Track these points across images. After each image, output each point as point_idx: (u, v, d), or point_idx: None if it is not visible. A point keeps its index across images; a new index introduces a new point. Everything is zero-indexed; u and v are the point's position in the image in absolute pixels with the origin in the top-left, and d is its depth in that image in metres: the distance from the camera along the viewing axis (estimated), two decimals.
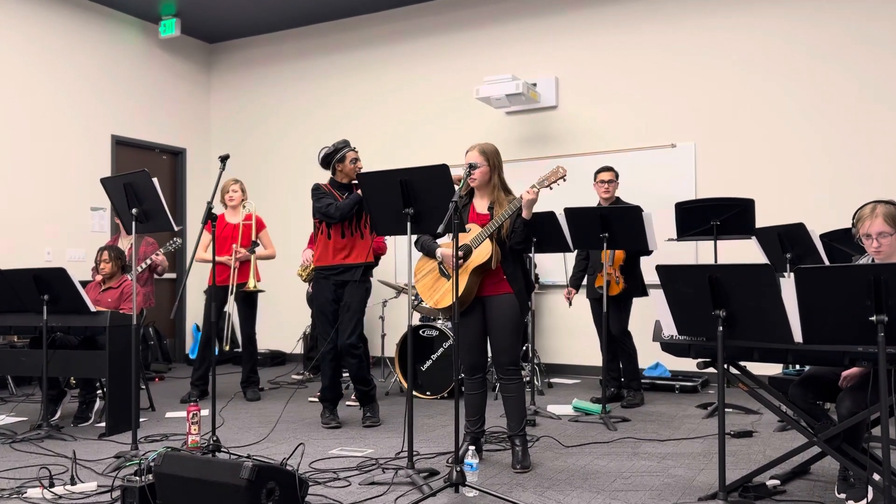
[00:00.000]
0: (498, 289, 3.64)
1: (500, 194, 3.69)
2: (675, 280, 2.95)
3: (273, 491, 2.83)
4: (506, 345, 3.63)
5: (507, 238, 3.59)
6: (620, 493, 3.25)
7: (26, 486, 3.35)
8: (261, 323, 6.73)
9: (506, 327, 3.62)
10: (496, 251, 3.59)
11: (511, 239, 3.59)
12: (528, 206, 3.52)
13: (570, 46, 7.09)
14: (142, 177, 3.83)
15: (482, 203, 3.73)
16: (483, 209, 3.71)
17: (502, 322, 3.61)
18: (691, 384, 5.93)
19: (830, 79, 6.11)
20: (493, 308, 3.64)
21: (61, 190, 7.25)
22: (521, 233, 3.57)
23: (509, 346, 3.63)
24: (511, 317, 3.61)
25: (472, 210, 3.74)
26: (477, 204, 3.75)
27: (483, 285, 3.65)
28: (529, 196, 3.50)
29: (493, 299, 3.64)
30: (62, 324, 4.54)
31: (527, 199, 3.50)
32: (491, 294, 3.65)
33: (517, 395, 3.67)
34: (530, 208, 3.53)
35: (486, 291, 3.65)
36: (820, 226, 4.96)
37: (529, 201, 3.50)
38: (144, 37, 8.16)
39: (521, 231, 3.57)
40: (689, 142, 6.57)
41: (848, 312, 2.58)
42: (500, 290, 3.63)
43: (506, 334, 3.62)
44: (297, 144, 8.42)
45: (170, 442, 4.27)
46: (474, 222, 3.68)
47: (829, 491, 3.19)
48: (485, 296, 3.66)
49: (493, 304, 3.64)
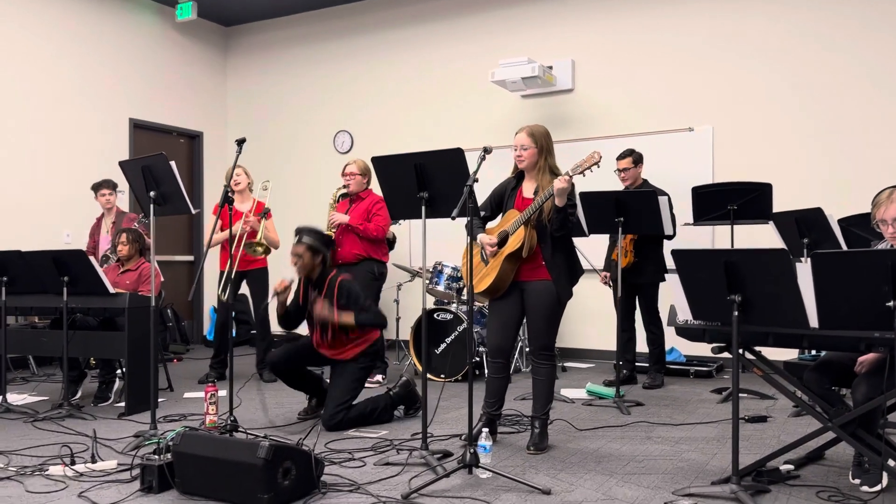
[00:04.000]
0: (535, 275, 3.63)
1: (545, 178, 3.64)
2: (691, 265, 2.94)
3: (289, 470, 2.87)
4: (541, 330, 3.65)
5: (548, 222, 3.56)
6: (633, 476, 3.27)
7: (48, 463, 3.43)
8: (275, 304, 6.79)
9: (539, 313, 3.62)
10: (530, 238, 3.57)
11: (550, 227, 3.57)
12: (561, 194, 3.45)
13: (586, 29, 7.03)
14: (160, 160, 3.86)
15: (529, 186, 3.72)
16: (529, 193, 3.70)
17: (536, 308, 3.63)
18: (706, 369, 5.92)
19: (849, 62, 6.02)
20: (529, 294, 3.65)
21: (80, 173, 7.31)
22: (556, 220, 3.51)
23: (542, 331, 3.65)
24: (546, 304, 3.61)
25: (518, 194, 3.73)
26: (525, 188, 3.74)
27: (521, 270, 3.65)
28: (560, 184, 3.42)
29: (530, 285, 3.64)
30: (82, 305, 4.61)
31: (558, 188, 3.42)
32: (528, 280, 3.65)
33: (547, 380, 3.71)
34: (563, 196, 3.46)
35: (524, 277, 3.66)
36: (838, 210, 4.91)
37: (561, 189, 3.43)
38: (161, 20, 8.18)
39: (557, 219, 3.51)
40: (706, 125, 6.51)
41: (865, 298, 2.57)
42: (537, 277, 3.63)
43: (539, 320, 3.63)
44: (312, 127, 8.43)
45: (188, 422, 4.33)
46: (518, 208, 3.68)
47: (844, 476, 3.19)
48: (522, 281, 3.67)
49: (529, 289, 3.65)
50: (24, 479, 3.23)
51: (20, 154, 6.84)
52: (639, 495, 3.01)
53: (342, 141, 8.26)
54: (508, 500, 2.93)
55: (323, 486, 3.05)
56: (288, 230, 8.26)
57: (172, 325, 7.78)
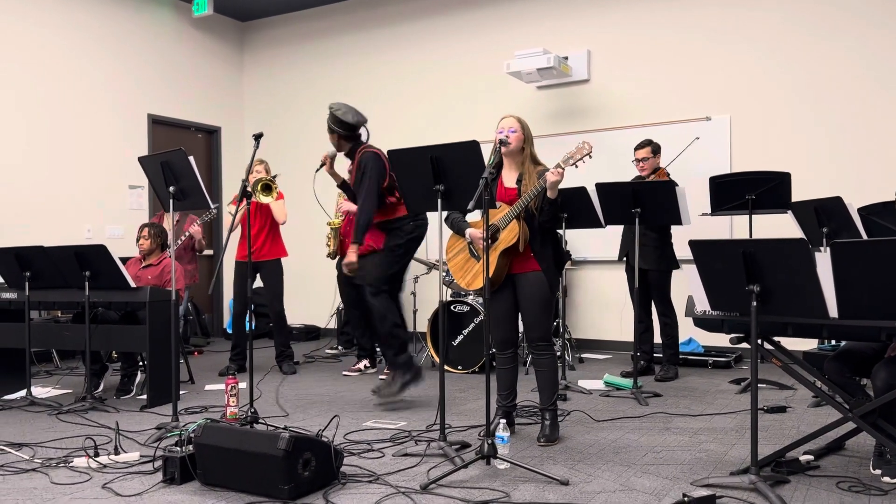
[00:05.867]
0: (526, 266, 3.64)
1: (529, 166, 3.65)
2: (709, 255, 2.93)
3: (309, 461, 2.90)
4: (535, 320, 3.64)
5: (537, 212, 3.58)
6: (651, 466, 3.27)
7: (72, 455, 3.49)
8: (293, 297, 6.85)
9: (535, 303, 3.63)
10: (524, 232, 3.58)
11: (538, 218, 3.58)
12: (554, 187, 3.45)
13: (601, 19, 6.99)
14: (178, 155, 3.90)
15: (511, 176, 3.70)
16: (511, 182, 3.68)
17: (531, 298, 3.63)
18: (724, 359, 5.89)
19: (869, 49, 5.94)
20: (522, 285, 3.65)
21: (100, 169, 7.40)
22: (547, 212, 3.54)
23: (539, 321, 3.64)
24: (540, 293, 3.62)
25: (500, 184, 3.71)
26: (506, 177, 3.72)
27: (512, 263, 3.65)
28: (554, 177, 3.41)
29: (522, 276, 3.64)
30: (103, 299, 4.67)
31: (551, 181, 3.42)
32: (520, 272, 3.65)
33: (549, 370, 3.70)
34: (556, 189, 3.46)
35: (515, 269, 3.66)
36: (858, 199, 4.85)
37: (554, 182, 3.42)
38: (177, 16, 8.24)
39: (549, 210, 3.54)
40: (724, 115, 6.45)
41: (885, 287, 2.54)
42: (528, 268, 3.63)
43: (535, 310, 3.63)
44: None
45: (209, 414, 4.38)
46: (502, 199, 3.66)
47: (865, 467, 3.17)
48: (514, 273, 3.67)
49: (522, 281, 3.65)
50: (49, 471, 3.29)
51: (40, 151, 6.92)
52: (657, 486, 3.01)
53: None
54: (526, 491, 2.95)
55: (343, 477, 3.07)
56: (303, 222, 8.34)
57: (193, 318, 7.86)
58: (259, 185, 5.10)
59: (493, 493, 2.91)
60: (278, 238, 5.96)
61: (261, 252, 5.83)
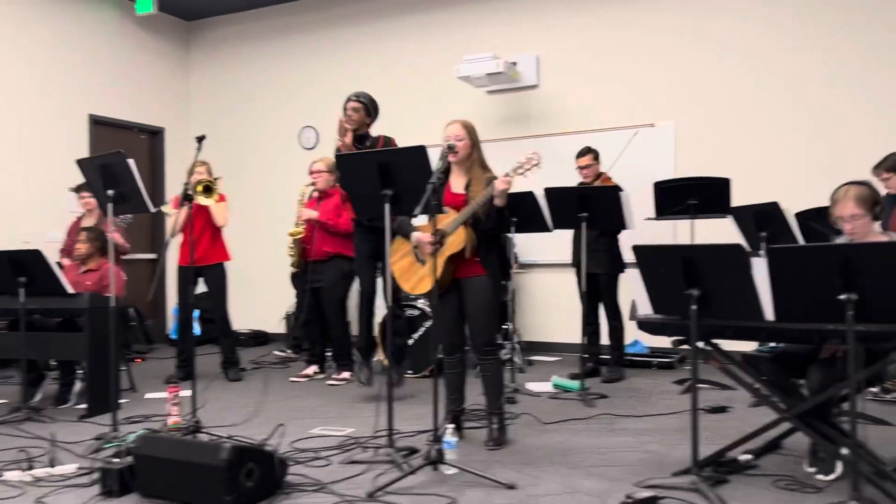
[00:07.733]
0: (472, 271, 3.64)
1: (477, 171, 3.65)
2: (650, 260, 2.99)
3: (252, 471, 2.85)
4: (481, 326, 3.65)
5: (484, 219, 3.57)
6: (597, 468, 3.31)
7: (5, 468, 3.35)
8: (240, 302, 6.71)
9: (480, 309, 3.63)
10: (470, 238, 3.57)
11: (485, 224, 3.58)
12: (501, 195, 3.47)
13: (550, 25, 7.06)
14: (118, 158, 3.81)
15: (459, 182, 3.70)
16: (459, 188, 3.68)
17: (476, 304, 3.63)
18: (669, 360, 6.01)
19: (807, 62, 6.14)
20: (467, 290, 3.65)
21: (39, 171, 7.15)
22: (493, 219, 3.54)
23: (484, 327, 3.66)
24: (485, 299, 3.62)
25: (447, 190, 3.70)
26: (453, 182, 3.71)
27: (457, 268, 3.65)
28: (502, 186, 3.44)
29: (468, 281, 3.65)
30: (41, 306, 4.51)
31: (499, 189, 3.44)
32: (465, 276, 3.65)
33: (494, 375, 3.72)
34: (504, 197, 3.48)
35: (461, 274, 3.66)
36: (804, 203, 4.97)
37: (502, 191, 3.45)
38: (121, 14, 8.02)
39: (494, 218, 3.54)
40: (668, 121, 6.59)
41: (818, 291, 2.62)
42: (473, 273, 3.64)
43: (480, 316, 3.64)
44: (276, 123, 8.35)
45: (151, 423, 4.27)
46: (449, 204, 3.65)
47: (801, 465, 3.26)
48: (459, 278, 3.67)
49: (467, 286, 3.65)
50: None
51: None
52: (602, 488, 3.05)
53: (307, 136, 8.19)
54: (474, 496, 2.95)
55: (287, 486, 3.03)
56: (251, 225, 8.20)
57: (135, 324, 7.66)
58: (199, 186, 4.99)
59: (440, 500, 2.91)
60: (220, 241, 5.80)
61: (203, 256, 5.68)
